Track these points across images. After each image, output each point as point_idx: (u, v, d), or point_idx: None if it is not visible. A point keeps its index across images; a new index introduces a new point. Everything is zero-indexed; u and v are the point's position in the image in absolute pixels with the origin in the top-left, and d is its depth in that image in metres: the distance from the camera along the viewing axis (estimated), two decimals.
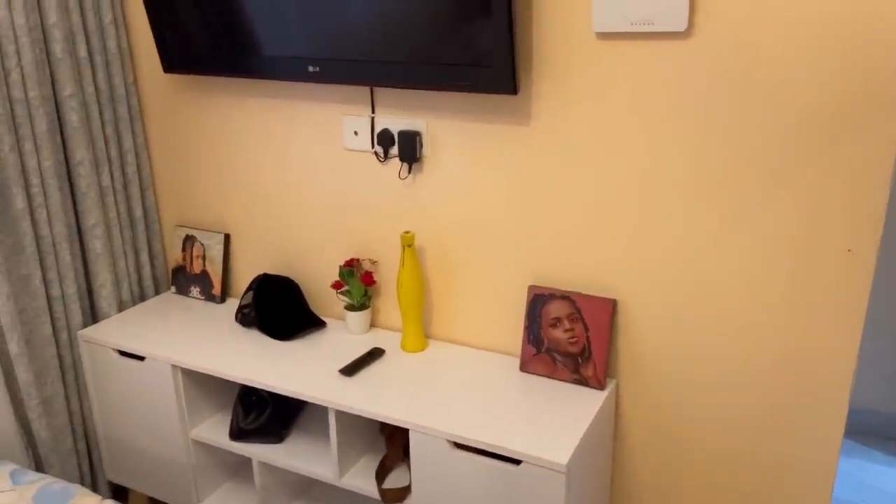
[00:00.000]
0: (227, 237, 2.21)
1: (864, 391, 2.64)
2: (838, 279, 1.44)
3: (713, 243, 1.54)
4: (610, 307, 1.67)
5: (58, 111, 1.97)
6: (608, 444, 1.75)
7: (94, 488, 2.22)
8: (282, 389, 1.74)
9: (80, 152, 2.00)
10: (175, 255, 2.30)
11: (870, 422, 2.66)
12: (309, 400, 1.70)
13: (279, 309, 2.04)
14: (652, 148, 1.54)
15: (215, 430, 1.98)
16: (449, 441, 1.55)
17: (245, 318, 2.06)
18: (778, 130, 1.41)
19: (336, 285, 1.97)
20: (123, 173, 2.18)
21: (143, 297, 2.29)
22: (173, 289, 2.31)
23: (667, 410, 1.70)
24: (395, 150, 1.84)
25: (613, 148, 1.58)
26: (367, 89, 1.84)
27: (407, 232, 1.81)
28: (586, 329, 1.69)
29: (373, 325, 2.05)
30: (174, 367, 1.90)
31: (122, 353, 1.99)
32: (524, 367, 1.77)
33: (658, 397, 1.70)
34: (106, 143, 2.09)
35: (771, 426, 1.60)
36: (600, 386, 1.68)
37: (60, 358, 2.06)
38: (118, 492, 2.29)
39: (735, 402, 1.62)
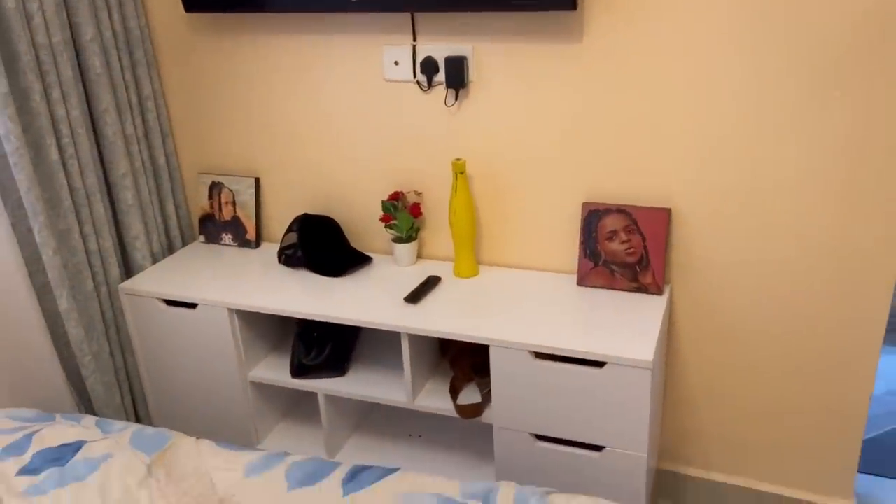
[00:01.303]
0: (257, 181, 2.19)
1: None
2: (885, 176, 1.54)
3: (765, 149, 1.63)
4: (665, 216, 1.75)
5: (78, 57, 1.89)
6: (665, 345, 1.86)
7: None
8: (352, 321, 1.76)
9: (105, 99, 1.93)
10: (201, 204, 2.26)
11: None
12: (383, 328, 1.74)
13: (324, 248, 2.05)
14: (706, 56, 1.60)
15: (272, 369, 1.99)
16: (530, 352, 1.61)
17: (290, 258, 2.06)
18: (831, 32, 1.49)
19: (385, 218, 1.98)
20: (144, 121, 2.11)
21: (171, 249, 2.25)
22: (202, 238, 2.28)
23: (717, 314, 1.81)
24: (438, 79, 1.84)
25: (668, 58, 1.63)
26: (407, 16, 1.82)
27: (458, 159, 1.83)
28: (643, 239, 1.77)
29: (419, 256, 2.08)
30: (230, 310, 1.90)
31: (169, 303, 1.97)
32: (582, 282, 1.85)
33: (709, 301, 1.80)
34: (126, 89, 2.02)
35: (819, 320, 1.72)
36: (659, 291, 1.77)
37: (102, 313, 2.02)
38: None
39: (783, 299, 1.73)
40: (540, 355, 1.62)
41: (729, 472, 1.97)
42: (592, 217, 1.81)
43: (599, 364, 1.57)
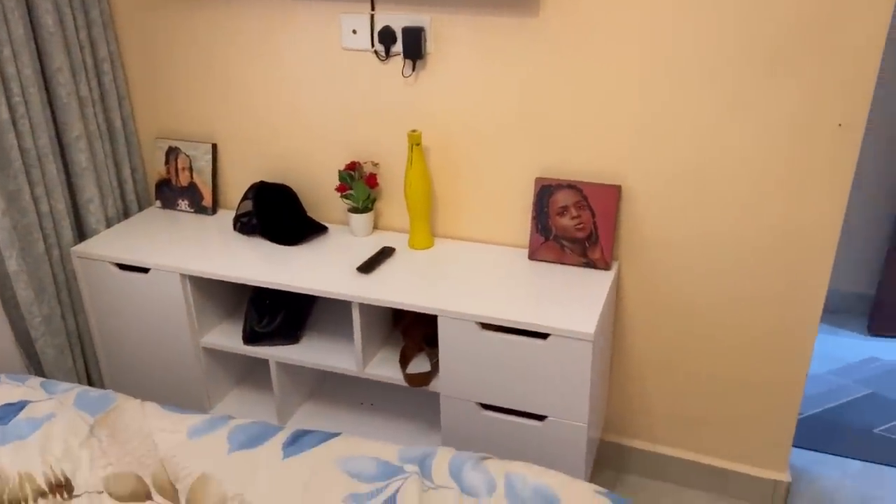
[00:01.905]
0: (214, 147, 2.17)
1: None
2: (830, 155, 1.58)
3: (714, 128, 1.66)
4: (615, 193, 1.78)
5: (30, 14, 1.86)
6: (611, 318, 1.90)
7: None
8: (304, 289, 1.78)
9: (58, 59, 1.90)
10: (157, 169, 2.24)
11: None
12: (334, 297, 1.75)
13: (280, 216, 2.05)
14: (657, 36, 1.62)
15: (225, 336, 2.00)
16: (477, 323, 1.64)
17: (245, 226, 2.06)
18: (781, 13, 1.51)
19: (340, 188, 1.99)
20: (100, 83, 2.08)
21: (127, 213, 2.23)
22: (158, 203, 2.27)
23: (664, 290, 1.85)
24: (396, 49, 1.84)
25: (621, 36, 1.65)
26: None
27: (414, 131, 1.84)
28: (593, 215, 1.80)
29: (375, 227, 2.09)
30: (183, 275, 1.90)
31: (122, 267, 1.96)
32: (533, 255, 1.87)
33: (657, 274, 1.84)
34: (81, 49, 1.99)
35: (760, 296, 1.77)
36: (607, 267, 1.81)
37: (54, 276, 2.01)
38: None
39: (727, 275, 1.78)
40: (487, 326, 1.65)
41: (671, 444, 2.03)
42: (544, 192, 1.83)
43: (543, 336, 1.61)
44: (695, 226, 1.76)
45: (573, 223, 1.82)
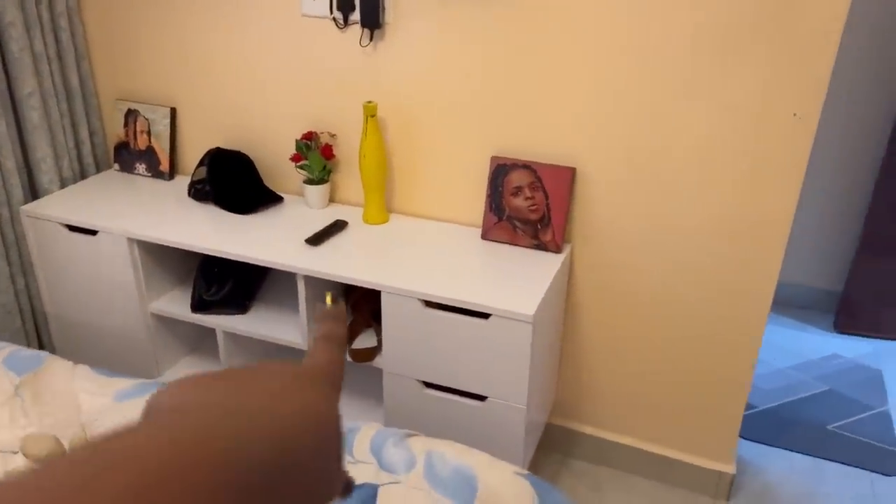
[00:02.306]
0: (173, 111, 2.14)
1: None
2: (784, 145, 1.56)
3: (668, 113, 1.63)
4: (569, 175, 1.75)
5: None
6: (562, 303, 1.88)
7: None
8: (249, 258, 1.75)
9: (10, 12, 1.85)
10: (116, 131, 2.21)
11: (778, 292, 2.93)
12: (278, 267, 1.73)
13: (234, 184, 2.02)
14: (614, 17, 1.58)
15: (175, 303, 1.98)
16: (421, 300, 1.62)
17: (199, 193, 2.03)
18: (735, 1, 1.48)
19: (295, 158, 1.95)
20: (57, 39, 2.04)
21: (84, 175, 2.20)
22: (116, 166, 2.23)
23: (616, 270, 1.83)
24: (355, 17, 1.81)
25: (578, 18, 1.61)
26: None
27: (369, 102, 1.80)
28: (546, 197, 1.77)
29: (331, 200, 2.06)
30: (130, 240, 1.87)
31: (72, 229, 1.94)
32: (486, 235, 1.85)
33: (609, 259, 1.82)
34: (36, 4, 1.94)
35: (711, 285, 1.75)
36: (558, 249, 1.78)
37: (3, 235, 1.98)
38: None
39: (679, 262, 1.76)
40: (431, 304, 1.63)
41: (619, 431, 2.02)
42: (500, 171, 1.81)
43: (485, 316, 1.59)
44: (647, 212, 1.74)
45: (526, 204, 1.79)
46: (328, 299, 0.53)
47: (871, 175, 2.66)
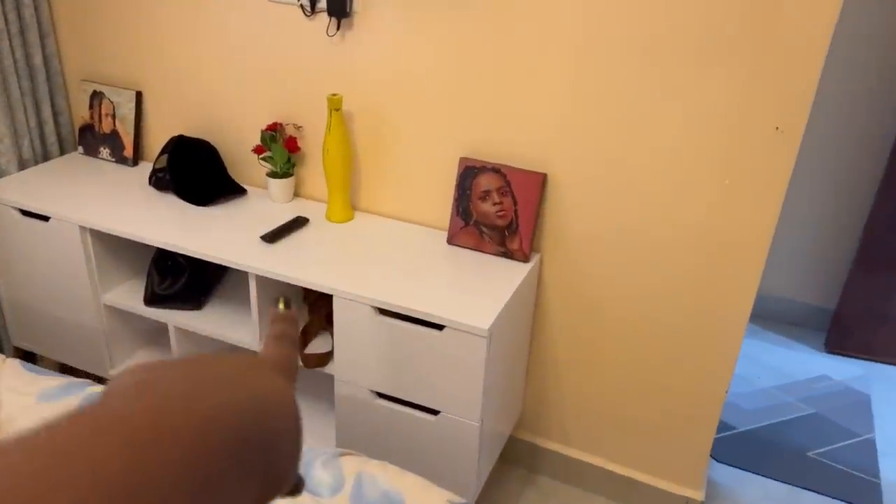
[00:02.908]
0: (139, 95, 2.06)
1: (767, 278, 2.79)
2: (764, 159, 1.46)
3: (644, 119, 1.53)
4: (540, 181, 1.66)
5: None
6: (529, 315, 1.79)
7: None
8: (200, 254, 1.67)
9: None
10: (81, 113, 2.13)
11: (769, 307, 2.83)
12: (228, 265, 1.65)
13: (196, 173, 1.94)
14: (587, 18, 1.48)
15: (128, 295, 1.91)
16: (373, 307, 1.54)
17: (159, 181, 1.95)
18: (721, 3, 1.38)
19: (258, 150, 1.87)
20: (20, 16, 1.96)
21: (46, 157, 2.13)
22: (80, 149, 2.16)
23: (587, 283, 1.74)
24: (321, 4, 1.71)
25: (552, 15, 1.52)
26: None
27: (334, 94, 1.72)
28: (515, 203, 1.68)
29: (296, 194, 1.97)
30: (82, 228, 1.79)
31: (25, 213, 1.86)
32: (452, 240, 1.76)
33: (580, 271, 1.73)
34: None
35: (685, 301, 1.66)
36: (525, 259, 1.69)
37: None
38: (26, 358, 2.21)
39: (652, 276, 1.66)
40: (385, 311, 1.55)
41: (585, 449, 1.93)
42: (468, 174, 1.71)
43: (439, 327, 1.50)
44: (620, 221, 1.64)
45: (494, 209, 1.70)
46: (281, 304, 0.52)
47: (870, 188, 2.54)
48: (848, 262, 2.66)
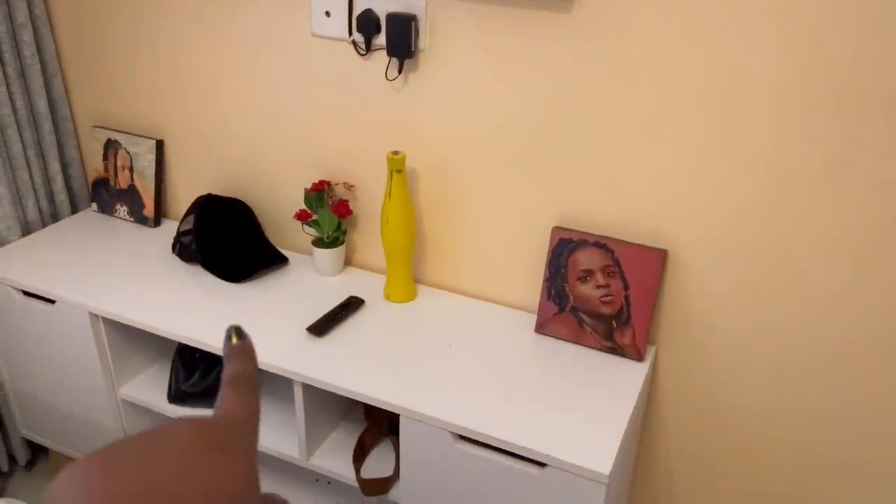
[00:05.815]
0: (159, 144, 1.74)
1: None
2: None
3: (802, 189, 1.16)
4: (660, 259, 1.30)
5: None
6: (638, 425, 1.43)
7: (6, 446, 1.84)
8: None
9: None
10: (95, 164, 1.83)
11: None
12: (267, 369, 1.32)
13: (228, 240, 1.62)
14: (728, 59, 1.12)
15: (149, 387, 1.60)
16: (451, 432, 1.20)
17: (184, 250, 1.63)
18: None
19: (301, 215, 1.54)
20: (19, 56, 1.66)
21: (56, 217, 1.83)
22: (94, 206, 1.86)
23: (711, 389, 1.38)
24: (379, 41, 1.38)
25: (680, 53, 1.16)
26: None
27: (396, 152, 1.38)
28: (626, 286, 1.32)
29: (347, 262, 1.65)
30: (93, 314, 1.49)
31: (28, 294, 1.56)
32: (541, 329, 1.41)
33: (704, 373, 1.37)
34: None
35: (835, 421, 1.29)
36: (639, 357, 1.34)
37: None
38: (36, 450, 1.92)
39: (803, 387, 1.30)
40: (464, 437, 1.21)
41: None
42: (563, 247, 1.36)
43: (540, 464, 1.16)
44: (763, 313, 1.28)
45: (598, 293, 1.35)
46: (233, 336, 0.41)
47: None
48: None
